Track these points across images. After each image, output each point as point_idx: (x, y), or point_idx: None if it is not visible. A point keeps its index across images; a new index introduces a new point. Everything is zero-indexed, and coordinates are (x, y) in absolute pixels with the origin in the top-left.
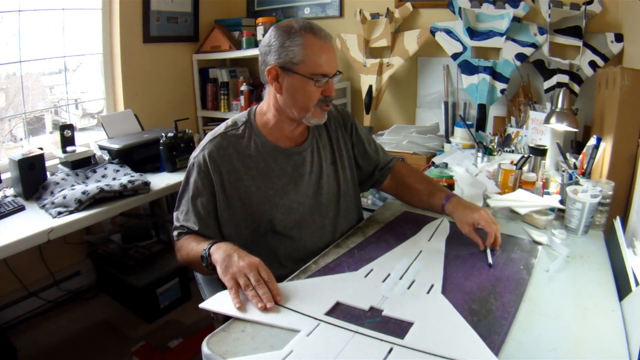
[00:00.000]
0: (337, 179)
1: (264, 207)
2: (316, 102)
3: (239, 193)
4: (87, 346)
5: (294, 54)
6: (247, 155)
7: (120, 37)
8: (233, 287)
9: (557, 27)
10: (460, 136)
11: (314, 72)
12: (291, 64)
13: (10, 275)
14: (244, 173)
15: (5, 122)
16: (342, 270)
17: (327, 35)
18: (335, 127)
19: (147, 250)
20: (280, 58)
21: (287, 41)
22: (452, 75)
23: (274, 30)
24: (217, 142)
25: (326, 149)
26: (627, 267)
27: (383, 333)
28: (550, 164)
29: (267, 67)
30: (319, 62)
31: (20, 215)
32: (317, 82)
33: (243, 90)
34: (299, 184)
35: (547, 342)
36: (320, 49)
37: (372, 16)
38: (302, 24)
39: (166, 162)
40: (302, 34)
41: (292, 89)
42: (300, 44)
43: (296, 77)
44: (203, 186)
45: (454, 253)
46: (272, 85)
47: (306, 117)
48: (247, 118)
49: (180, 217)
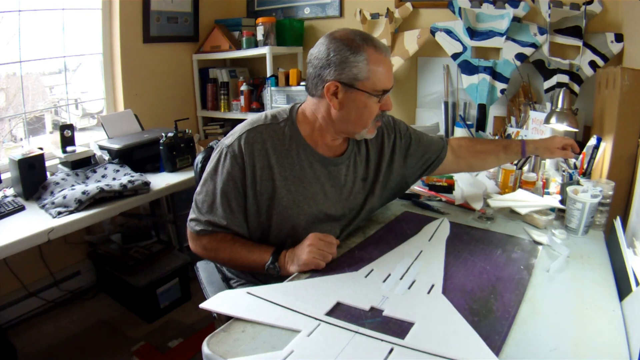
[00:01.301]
0: (365, 196)
1: (291, 212)
2: (374, 118)
3: (268, 191)
4: (87, 346)
5: (359, 70)
6: (284, 153)
7: (120, 37)
8: (315, 264)
9: (557, 27)
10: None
11: (377, 89)
12: (355, 80)
13: (10, 275)
14: (277, 172)
15: (5, 122)
16: (342, 270)
17: (386, 48)
18: (378, 143)
19: (147, 250)
20: (343, 74)
21: (351, 56)
22: (452, 75)
23: (333, 43)
24: (257, 132)
25: (362, 164)
26: (627, 267)
27: (383, 333)
28: (550, 164)
29: (326, 82)
30: (382, 78)
31: (20, 215)
32: (380, 98)
33: (243, 90)
34: (329, 195)
35: (547, 342)
36: (383, 64)
37: (372, 16)
38: (363, 37)
39: (166, 162)
40: (366, 49)
41: (353, 105)
42: (365, 60)
43: (359, 94)
44: (236, 178)
45: (454, 253)
46: (330, 101)
47: (360, 133)
48: (289, 116)
49: (202, 208)
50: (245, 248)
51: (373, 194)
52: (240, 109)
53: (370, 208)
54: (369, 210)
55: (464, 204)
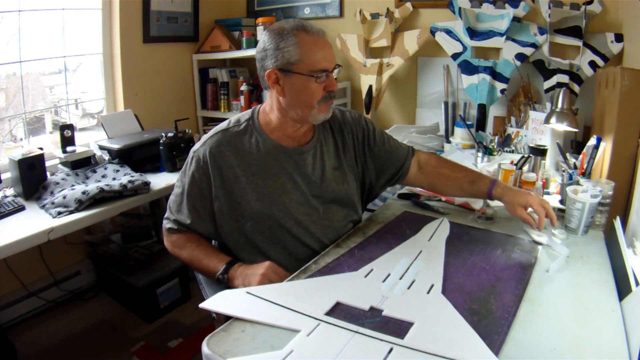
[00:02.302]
0: (340, 185)
1: (263, 204)
2: (320, 99)
3: (238, 189)
4: (87, 346)
5: (290, 54)
6: (246, 152)
7: (120, 37)
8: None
9: (557, 27)
10: (460, 136)
11: (313, 69)
12: (289, 64)
13: (10, 275)
14: (241, 170)
15: (5, 122)
16: (342, 270)
17: (319, 30)
18: (345, 135)
19: (147, 250)
20: (277, 61)
21: (281, 43)
22: (452, 75)
23: (266, 34)
24: (218, 139)
25: (330, 153)
26: (627, 267)
27: (383, 333)
28: (550, 164)
29: (266, 71)
30: (316, 59)
31: (20, 215)
32: (317, 78)
33: (243, 90)
34: (299, 183)
35: (547, 342)
36: (315, 45)
37: (372, 16)
38: (293, 24)
39: (166, 162)
40: (295, 33)
41: (294, 90)
42: (295, 44)
43: (296, 77)
44: (200, 181)
45: (454, 253)
46: (274, 89)
47: (312, 115)
48: (250, 116)
49: (172, 207)
50: (203, 252)
51: (349, 182)
52: (240, 109)
53: (348, 198)
54: (348, 203)
55: (463, 204)
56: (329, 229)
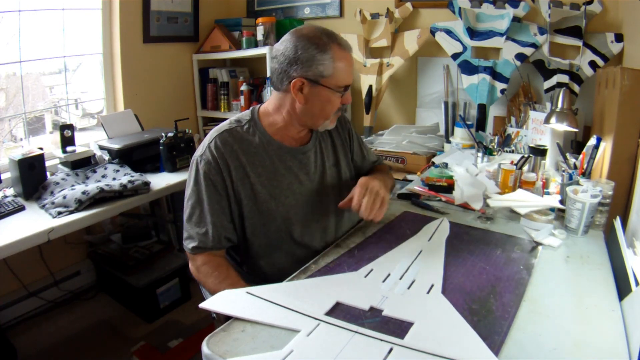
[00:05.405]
0: (340, 181)
1: (270, 205)
2: (336, 111)
3: (245, 190)
4: (87, 346)
5: (324, 68)
6: (252, 152)
7: (120, 37)
8: None
9: (557, 27)
10: (460, 136)
11: (339, 85)
12: (320, 77)
13: (10, 275)
14: (250, 169)
15: (5, 122)
16: (342, 270)
17: (348, 46)
18: (337, 132)
19: (147, 250)
20: (309, 71)
21: (318, 54)
22: (452, 75)
23: (300, 40)
24: (223, 137)
25: (328, 151)
26: (627, 267)
27: (383, 333)
28: (550, 164)
29: (292, 78)
30: (343, 76)
31: (20, 215)
32: (341, 94)
33: (243, 90)
34: (304, 182)
35: (547, 342)
36: (346, 62)
37: (372, 16)
38: (329, 35)
39: (166, 162)
40: (331, 46)
41: (318, 101)
42: (330, 58)
43: (323, 90)
44: (215, 182)
45: (454, 253)
46: (295, 96)
47: (323, 124)
48: (251, 117)
49: (192, 222)
50: (217, 278)
51: (346, 178)
52: (240, 109)
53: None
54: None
55: (463, 204)
56: (329, 228)
